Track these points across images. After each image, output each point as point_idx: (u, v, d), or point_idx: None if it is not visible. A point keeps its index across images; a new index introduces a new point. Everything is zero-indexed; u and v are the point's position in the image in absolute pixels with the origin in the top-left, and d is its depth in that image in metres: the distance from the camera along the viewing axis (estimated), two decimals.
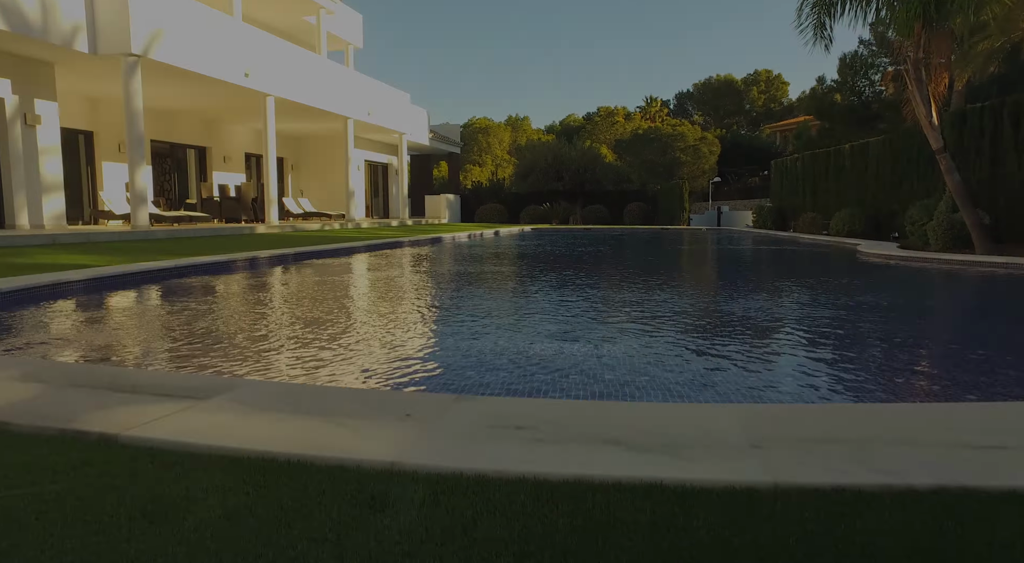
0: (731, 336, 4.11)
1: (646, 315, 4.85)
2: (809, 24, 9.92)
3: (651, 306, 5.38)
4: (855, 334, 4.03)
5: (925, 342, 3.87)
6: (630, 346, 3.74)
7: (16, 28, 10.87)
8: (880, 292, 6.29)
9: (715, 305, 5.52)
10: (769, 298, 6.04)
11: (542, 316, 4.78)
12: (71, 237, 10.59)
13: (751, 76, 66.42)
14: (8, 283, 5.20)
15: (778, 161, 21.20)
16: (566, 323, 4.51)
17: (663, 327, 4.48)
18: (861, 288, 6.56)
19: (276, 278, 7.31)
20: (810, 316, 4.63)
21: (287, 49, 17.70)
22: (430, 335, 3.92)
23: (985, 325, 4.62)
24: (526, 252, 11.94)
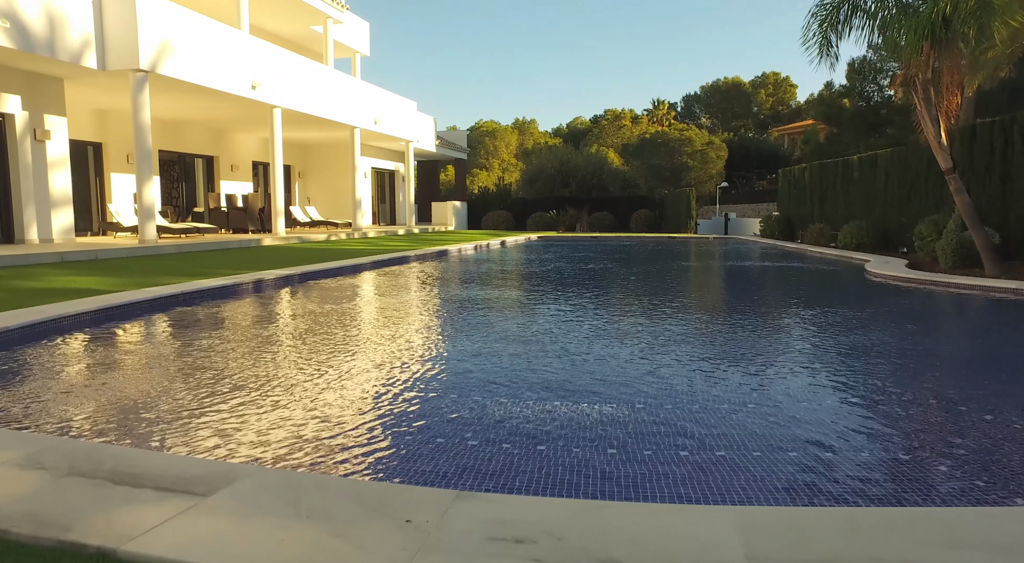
0: (740, 402, 4.08)
1: (643, 369, 4.83)
2: (815, 42, 9.86)
3: (653, 351, 5.36)
4: (868, 391, 3.97)
5: (953, 406, 3.67)
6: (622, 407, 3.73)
7: (26, 47, 10.94)
8: (891, 327, 6.22)
9: (723, 351, 5.50)
10: (773, 338, 6.01)
11: (545, 358, 4.77)
12: (79, 254, 10.64)
13: (759, 78, 66.18)
14: (13, 318, 5.23)
15: (786, 170, 21.10)
16: (564, 370, 4.50)
17: (661, 377, 4.46)
18: (870, 322, 6.50)
19: (280, 307, 7.32)
20: (817, 366, 4.59)
21: (294, 60, 17.74)
22: (436, 389, 3.91)
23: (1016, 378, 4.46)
24: (532, 271, 11.94)
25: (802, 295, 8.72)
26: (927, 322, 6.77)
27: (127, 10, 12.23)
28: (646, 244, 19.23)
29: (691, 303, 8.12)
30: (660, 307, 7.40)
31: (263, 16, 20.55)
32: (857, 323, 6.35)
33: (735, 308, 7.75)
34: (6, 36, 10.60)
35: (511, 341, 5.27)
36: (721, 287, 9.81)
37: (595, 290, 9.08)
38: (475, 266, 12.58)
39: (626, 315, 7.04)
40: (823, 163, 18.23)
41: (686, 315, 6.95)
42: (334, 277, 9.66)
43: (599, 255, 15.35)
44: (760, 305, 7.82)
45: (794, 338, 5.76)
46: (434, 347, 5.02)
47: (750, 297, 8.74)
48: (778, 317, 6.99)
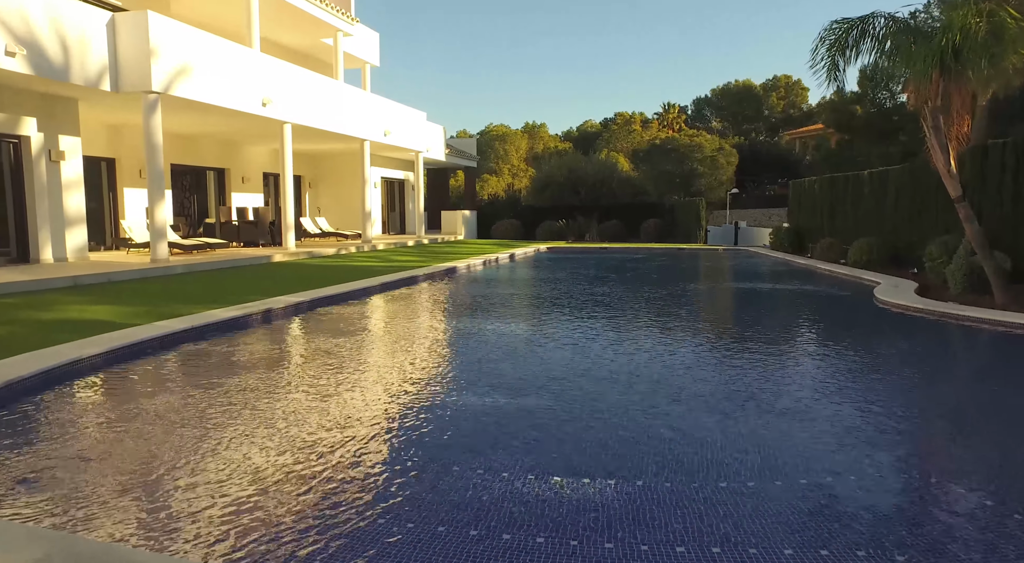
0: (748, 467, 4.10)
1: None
2: (823, 66, 9.84)
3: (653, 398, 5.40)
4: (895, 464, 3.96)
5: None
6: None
7: (42, 73, 11.11)
8: (901, 370, 6.21)
9: (726, 403, 5.53)
10: (776, 380, 6.04)
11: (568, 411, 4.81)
12: (92, 277, 10.77)
13: (770, 81, 65.82)
14: (26, 365, 5.32)
15: (796, 182, 21.01)
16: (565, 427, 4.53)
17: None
18: (879, 362, 6.49)
19: (290, 345, 7.40)
20: (826, 426, 4.59)
21: (304, 76, 17.86)
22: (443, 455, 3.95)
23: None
24: (541, 295, 12.00)
25: (809, 328, 8.67)
26: (937, 364, 6.70)
27: (140, 34, 12.38)
28: (655, 258, 19.19)
29: (694, 339, 8.15)
30: (666, 342, 7.42)
31: (274, 30, 20.71)
32: (866, 368, 6.34)
33: (738, 346, 7.75)
34: (23, 62, 10.76)
35: (527, 392, 5.32)
36: (726, 319, 9.77)
37: (606, 318, 9.12)
38: (484, 288, 12.63)
39: (630, 353, 7.07)
40: (833, 177, 18.14)
41: (688, 356, 6.96)
42: (343, 303, 9.72)
43: (608, 273, 15.36)
44: (765, 343, 7.81)
45: (804, 388, 5.76)
46: (444, 403, 5.07)
47: (754, 332, 8.72)
48: (784, 358, 6.99)
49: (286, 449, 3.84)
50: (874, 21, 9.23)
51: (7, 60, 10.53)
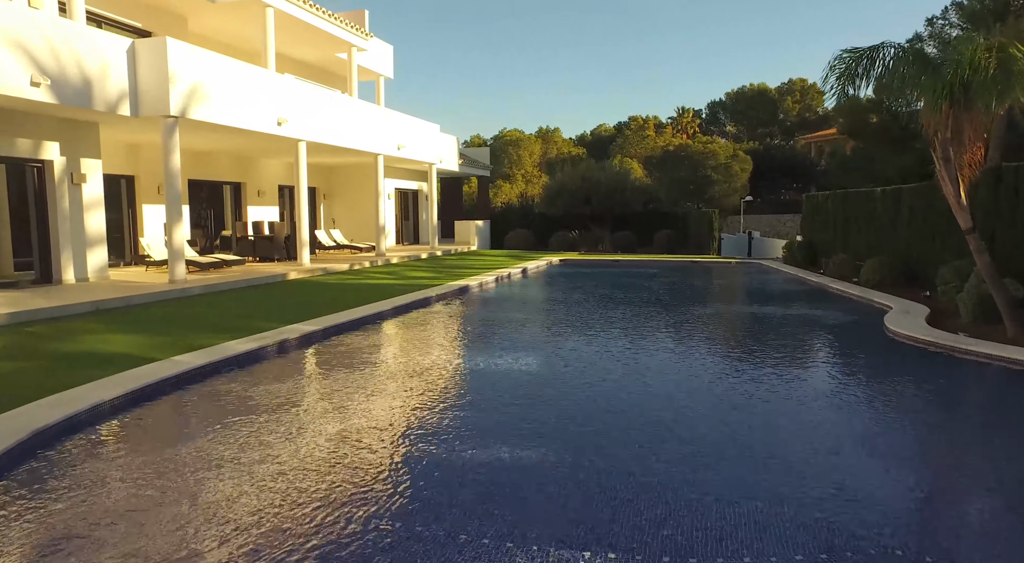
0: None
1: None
2: (833, 94, 9.90)
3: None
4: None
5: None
6: None
7: (66, 101, 11.39)
8: (906, 417, 6.25)
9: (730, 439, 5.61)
10: (785, 428, 6.11)
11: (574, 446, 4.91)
12: (113, 301, 11.02)
13: (785, 85, 65.46)
14: (53, 410, 5.51)
15: (810, 196, 20.95)
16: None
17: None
18: (884, 409, 6.53)
19: (305, 383, 7.57)
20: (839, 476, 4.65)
21: (318, 94, 18.11)
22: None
23: None
24: (556, 319, 12.14)
25: (816, 364, 8.64)
26: (943, 408, 6.70)
27: (159, 60, 12.63)
28: (667, 275, 19.21)
29: (698, 376, 8.23)
30: (671, 383, 7.51)
31: (290, 46, 20.98)
32: (873, 409, 6.39)
33: (742, 380, 7.81)
34: (47, 92, 11.04)
35: (541, 440, 5.43)
36: (732, 353, 9.78)
37: (618, 341, 9.24)
38: (496, 312, 12.77)
39: (641, 385, 7.17)
40: (846, 192, 18.08)
41: (689, 396, 7.05)
42: (355, 330, 9.89)
43: (620, 293, 15.45)
44: (771, 374, 7.86)
45: (809, 427, 5.83)
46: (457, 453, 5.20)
47: (760, 362, 8.78)
48: (790, 392, 7.05)
49: (268, 506, 3.97)
50: (883, 51, 9.24)
51: (33, 90, 10.81)
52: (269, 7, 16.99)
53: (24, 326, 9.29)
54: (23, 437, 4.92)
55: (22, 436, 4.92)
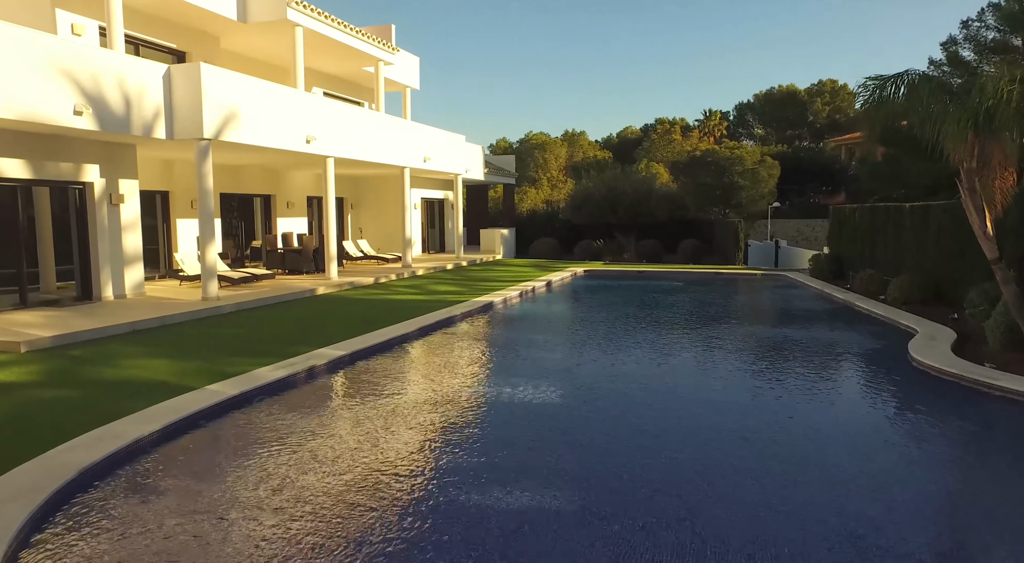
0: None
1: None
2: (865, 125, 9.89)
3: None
4: None
5: None
6: None
7: (106, 128, 11.85)
8: (923, 464, 6.26)
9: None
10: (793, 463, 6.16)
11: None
12: (148, 322, 11.42)
13: (815, 86, 64.56)
14: (96, 447, 5.81)
15: (836, 209, 20.74)
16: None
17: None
18: (906, 447, 6.55)
19: (326, 411, 7.83)
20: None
21: (346, 111, 18.45)
22: None
23: None
24: (581, 339, 12.31)
25: (834, 395, 8.51)
26: (963, 454, 6.66)
27: (193, 85, 13.03)
28: (691, 288, 19.21)
29: (719, 408, 8.31)
30: (690, 414, 7.62)
31: (318, 60, 21.40)
32: (889, 455, 6.42)
33: (757, 405, 7.88)
34: (89, 120, 11.50)
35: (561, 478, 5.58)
36: (753, 381, 9.84)
37: (641, 368, 9.35)
38: (520, 332, 12.96)
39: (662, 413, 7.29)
40: (874, 207, 17.89)
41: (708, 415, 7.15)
42: (381, 353, 10.14)
43: (645, 309, 15.54)
44: (787, 406, 7.91)
45: (827, 471, 5.89)
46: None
47: (777, 387, 8.84)
48: (806, 433, 7.11)
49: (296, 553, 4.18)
50: (908, 78, 9.21)
51: (76, 119, 11.27)
52: (298, 27, 17.37)
53: (67, 349, 9.70)
54: (71, 476, 5.22)
55: (70, 475, 5.22)
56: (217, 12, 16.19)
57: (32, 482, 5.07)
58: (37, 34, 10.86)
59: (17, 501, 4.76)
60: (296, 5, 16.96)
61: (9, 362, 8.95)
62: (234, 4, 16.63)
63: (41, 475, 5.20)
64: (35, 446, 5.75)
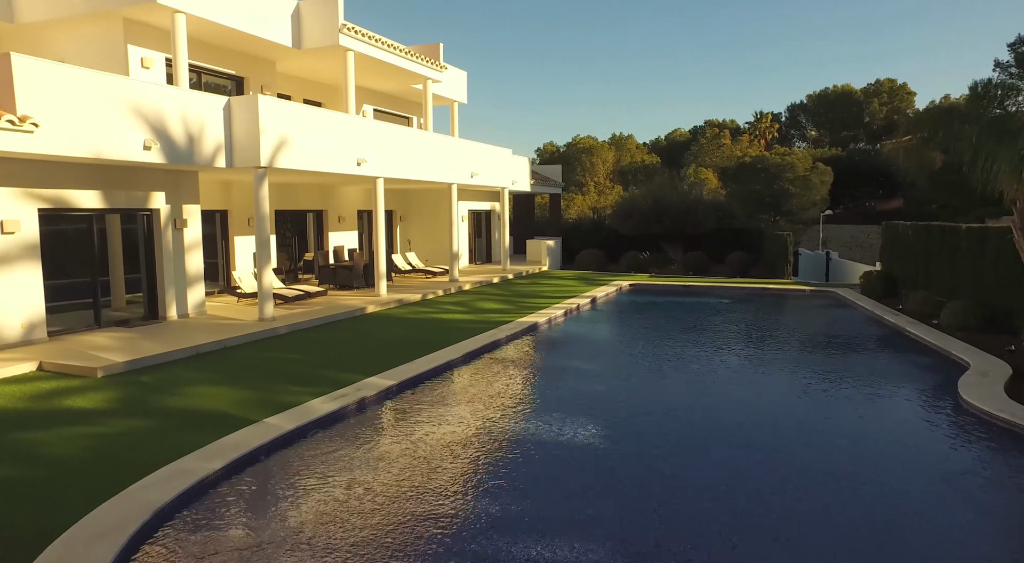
0: None
1: None
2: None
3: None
4: None
5: None
6: None
7: (172, 160, 12.55)
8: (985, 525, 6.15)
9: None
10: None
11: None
12: (210, 346, 12.06)
13: (872, 86, 62.72)
14: (168, 486, 6.28)
15: (889, 225, 20.24)
16: None
17: None
18: (951, 507, 6.44)
19: (374, 447, 8.25)
20: None
21: (395, 132, 18.97)
22: None
23: None
24: (623, 366, 12.45)
25: (874, 440, 8.17)
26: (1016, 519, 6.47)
27: (251, 115, 13.65)
28: (737, 307, 19.09)
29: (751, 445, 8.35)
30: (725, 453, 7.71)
31: (369, 80, 22.02)
32: (925, 523, 6.39)
33: (788, 445, 7.90)
34: (157, 154, 12.21)
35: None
36: (795, 406, 9.83)
37: (683, 398, 9.47)
38: (564, 358, 13.19)
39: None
40: (929, 226, 17.45)
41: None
42: (429, 380, 10.52)
43: (687, 332, 15.58)
44: (818, 459, 7.90)
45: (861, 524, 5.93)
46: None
47: (810, 440, 8.81)
48: (839, 484, 7.11)
49: None
50: (953, 117, 9.08)
51: (145, 153, 11.99)
52: (349, 51, 17.94)
53: (138, 374, 10.37)
54: (147, 517, 5.70)
55: (146, 516, 5.70)
56: (274, 41, 16.87)
57: (115, 521, 5.56)
58: (111, 77, 11.59)
59: (104, 540, 5.25)
60: (348, 31, 17.52)
61: (88, 388, 9.64)
62: (289, 32, 17.28)
63: (121, 514, 5.70)
64: (115, 480, 6.28)
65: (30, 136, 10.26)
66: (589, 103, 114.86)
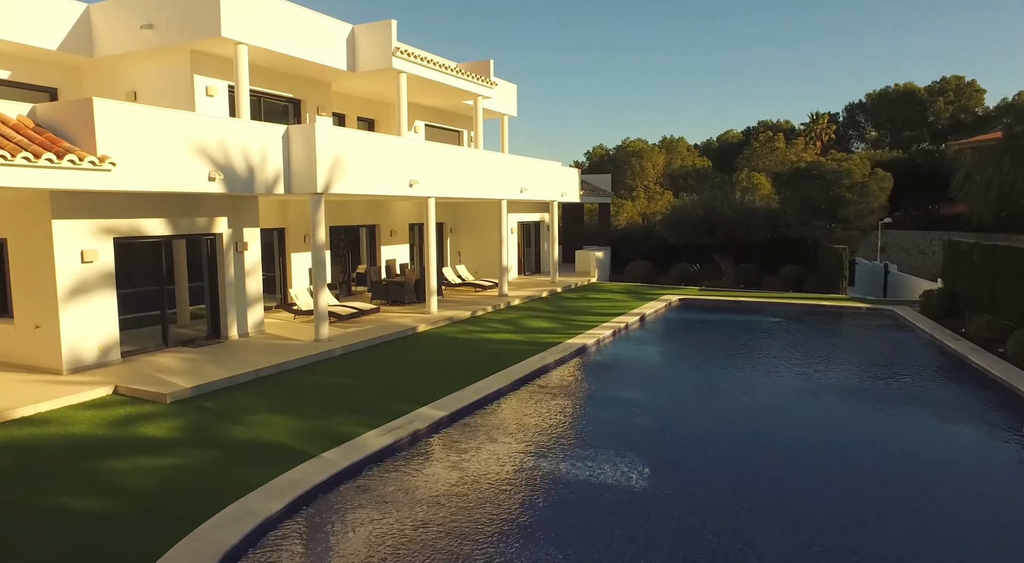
0: None
1: None
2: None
3: None
4: None
5: None
6: None
7: (234, 190, 13.12)
8: None
9: None
10: None
11: None
12: (269, 369, 12.57)
13: (937, 84, 60.20)
14: (233, 527, 6.65)
15: (951, 242, 19.56)
16: None
17: None
18: None
19: (422, 485, 8.57)
20: None
21: (447, 152, 19.30)
22: None
23: None
24: (672, 395, 12.49)
25: (918, 495, 7.98)
26: None
27: (308, 144, 14.15)
28: (789, 325, 18.77)
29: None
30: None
31: (420, 97, 22.45)
32: None
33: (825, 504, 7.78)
34: (220, 184, 12.79)
35: None
36: (836, 450, 9.66)
37: (734, 435, 9.47)
38: (611, 386, 13.27)
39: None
40: (994, 246, 16.80)
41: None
42: (478, 410, 10.77)
43: (734, 357, 15.46)
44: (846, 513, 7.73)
45: None
46: None
47: (847, 479, 8.61)
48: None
49: None
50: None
51: (210, 184, 12.58)
52: (402, 73, 18.33)
53: (203, 400, 10.91)
54: (217, 559, 6.06)
55: (216, 559, 6.07)
56: (330, 65, 17.40)
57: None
58: (179, 115, 12.21)
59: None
60: (400, 54, 17.91)
61: (159, 414, 10.21)
62: (344, 57, 17.78)
63: (195, 555, 6.08)
64: (187, 518, 6.71)
65: (108, 174, 10.90)
66: (639, 102, 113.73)
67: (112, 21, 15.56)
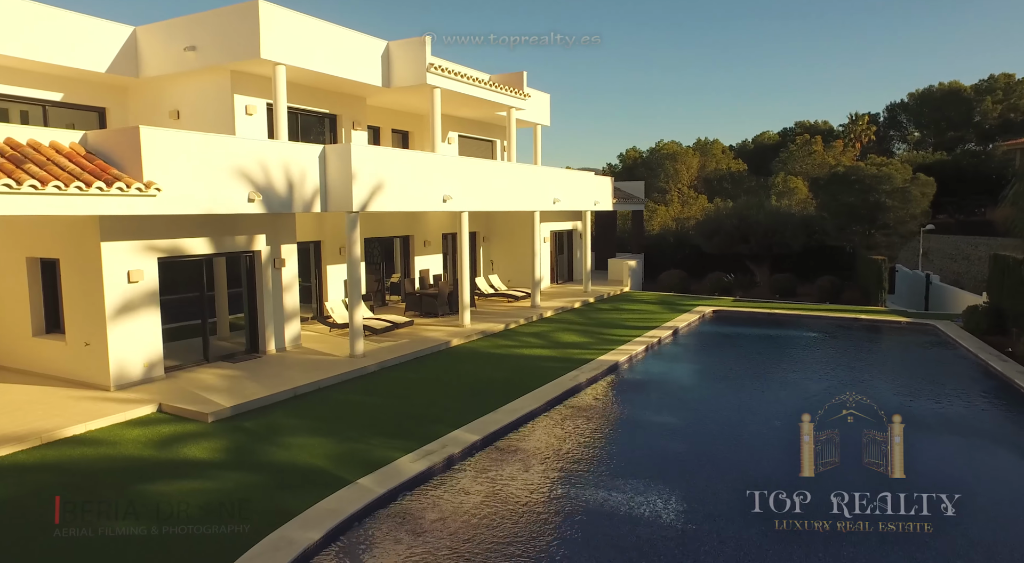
0: None
1: None
2: None
3: None
4: None
5: None
6: None
7: (273, 209, 13.47)
8: None
9: None
10: None
11: None
12: (306, 387, 12.83)
13: (984, 82, 58.42)
14: (272, 560, 6.84)
15: (998, 256, 19.01)
16: None
17: None
18: None
19: (455, 517, 8.67)
20: None
21: (480, 167, 19.44)
22: None
23: None
24: (705, 417, 12.47)
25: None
26: None
27: (344, 163, 14.40)
28: (825, 341, 18.46)
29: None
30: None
31: (454, 110, 22.64)
32: None
33: None
34: (259, 205, 13.12)
35: None
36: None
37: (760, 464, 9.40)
38: (644, 410, 13.23)
39: None
40: None
41: None
42: (511, 433, 10.85)
43: (766, 380, 15.28)
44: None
45: None
46: None
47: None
48: None
49: None
50: None
51: (249, 205, 12.91)
52: (436, 89, 18.51)
53: (243, 419, 11.20)
54: None
55: None
56: (365, 82, 17.66)
57: None
58: (220, 139, 12.54)
59: None
60: (434, 70, 18.09)
61: (201, 434, 10.52)
62: (379, 73, 18.03)
63: None
64: (229, 547, 6.91)
65: (154, 199, 11.26)
66: (674, 103, 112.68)
67: (157, 43, 16.04)
